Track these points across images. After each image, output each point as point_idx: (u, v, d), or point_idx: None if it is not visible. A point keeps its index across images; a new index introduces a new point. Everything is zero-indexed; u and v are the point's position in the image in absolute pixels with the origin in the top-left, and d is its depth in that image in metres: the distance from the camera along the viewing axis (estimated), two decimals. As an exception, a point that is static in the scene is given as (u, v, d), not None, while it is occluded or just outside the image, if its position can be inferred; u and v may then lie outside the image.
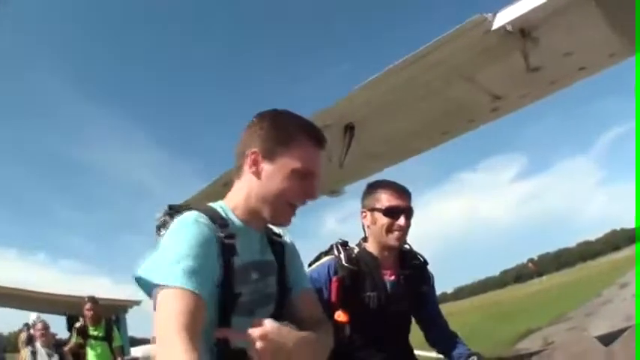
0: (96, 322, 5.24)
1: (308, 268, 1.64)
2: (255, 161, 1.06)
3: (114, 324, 5.67)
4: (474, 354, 1.67)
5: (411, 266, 1.74)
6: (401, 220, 1.62)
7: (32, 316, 5.67)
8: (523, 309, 17.72)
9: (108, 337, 5.30)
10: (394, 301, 1.66)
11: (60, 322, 9.25)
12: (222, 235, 0.98)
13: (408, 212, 1.65)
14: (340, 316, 1.54)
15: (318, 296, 1.36)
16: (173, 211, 1.03)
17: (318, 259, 1.70)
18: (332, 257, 1.67)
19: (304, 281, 1.22)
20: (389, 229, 1.63)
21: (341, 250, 1.68)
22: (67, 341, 5.53)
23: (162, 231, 0.99)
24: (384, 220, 1.63)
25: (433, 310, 1.82)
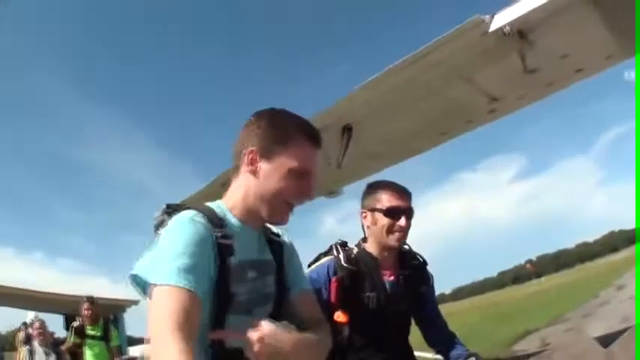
0: (93, 321, 5.24)
1: (307, 268, 1.64)
2: (252, 160, 1.06)
3: (112, 323, 5.68)
4: (473, 354, 1.67)
5: (411, 266, 1.73)
6: (402, 220, 1.62)
7: (30, 315, 5.68)
8: (521, 310, 17.71)
9: (105, 337, 5.30)
10: (394, 301, 1.65)
11: (58, 321, 9.25)
12: (219, 234, 0.98)
13: (409, 213, 1.64)
14: (340, 316, 1.54)
15: (317, 297, 1.36)
16: (171, 210, 1.04)
17: (318, 259, 1.70)
18: (331, 258, 1.66)
19: (303, 281, 1.21)
20: (389, 230, 1.62)
21: (340, 250, 1.67)
22: (64, 340, 5.52)
23: (161, 230, 1.00)
24: (384, 220, 1.62)
25: (432, 310, 1.81)
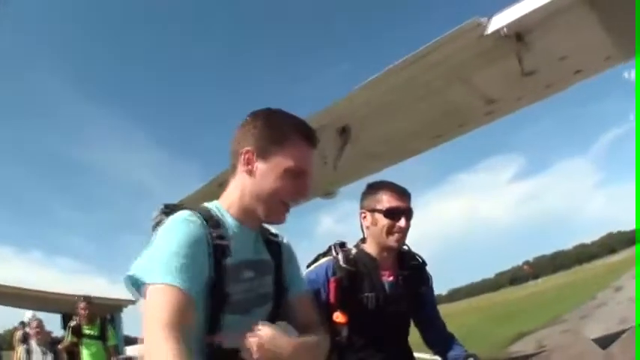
0: (90, 321, 5.22)
1: (306, 269, 1.64)
2: (248, 160, 1.06)
3: (109, 323, 5.66)
4: (471, 355, 1.67)
5: (410, 267, 1.73)
6: (401, 221, 1.62)
7: (27, 314, 5.66)
8: (518, 311, 17.71)
9: (102, 336, 5.29)
10: (393, 301, 1.65)
11: (55, 320, 9.23)
12: (215, 234, 0.98)
13: (409, 213, 1.64)
14: (338, 317, 1.54)
15: (316, 297, 1.35)
16: (169, 210, 1.04)
17: (316, 260, 1.70)
18: (330, 258, 1.66)
19: (301, 283, 1.21)
20: (389, 231, 1.62)
21: (339, 251, 1.67)
22: (62, 340, 5.51)
23: (158, 229, 1.00)
24: (384, 221, 1.62)
25: (431, 311, 1.81)
